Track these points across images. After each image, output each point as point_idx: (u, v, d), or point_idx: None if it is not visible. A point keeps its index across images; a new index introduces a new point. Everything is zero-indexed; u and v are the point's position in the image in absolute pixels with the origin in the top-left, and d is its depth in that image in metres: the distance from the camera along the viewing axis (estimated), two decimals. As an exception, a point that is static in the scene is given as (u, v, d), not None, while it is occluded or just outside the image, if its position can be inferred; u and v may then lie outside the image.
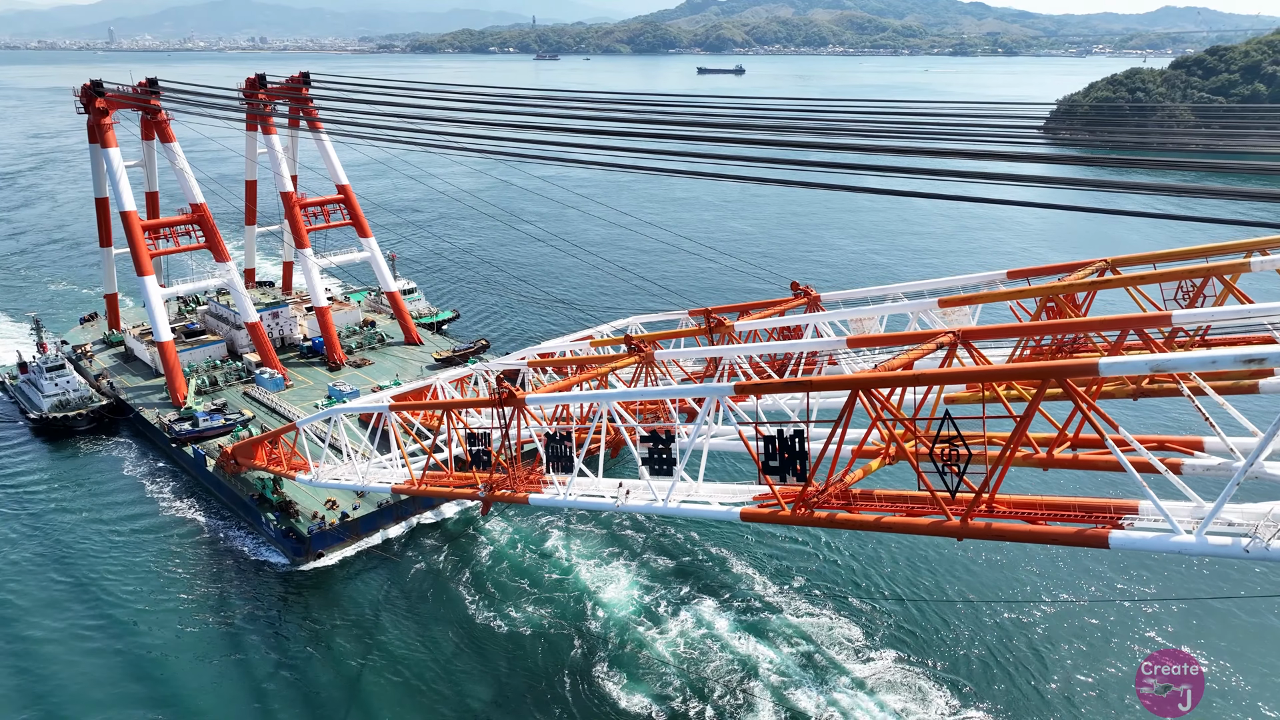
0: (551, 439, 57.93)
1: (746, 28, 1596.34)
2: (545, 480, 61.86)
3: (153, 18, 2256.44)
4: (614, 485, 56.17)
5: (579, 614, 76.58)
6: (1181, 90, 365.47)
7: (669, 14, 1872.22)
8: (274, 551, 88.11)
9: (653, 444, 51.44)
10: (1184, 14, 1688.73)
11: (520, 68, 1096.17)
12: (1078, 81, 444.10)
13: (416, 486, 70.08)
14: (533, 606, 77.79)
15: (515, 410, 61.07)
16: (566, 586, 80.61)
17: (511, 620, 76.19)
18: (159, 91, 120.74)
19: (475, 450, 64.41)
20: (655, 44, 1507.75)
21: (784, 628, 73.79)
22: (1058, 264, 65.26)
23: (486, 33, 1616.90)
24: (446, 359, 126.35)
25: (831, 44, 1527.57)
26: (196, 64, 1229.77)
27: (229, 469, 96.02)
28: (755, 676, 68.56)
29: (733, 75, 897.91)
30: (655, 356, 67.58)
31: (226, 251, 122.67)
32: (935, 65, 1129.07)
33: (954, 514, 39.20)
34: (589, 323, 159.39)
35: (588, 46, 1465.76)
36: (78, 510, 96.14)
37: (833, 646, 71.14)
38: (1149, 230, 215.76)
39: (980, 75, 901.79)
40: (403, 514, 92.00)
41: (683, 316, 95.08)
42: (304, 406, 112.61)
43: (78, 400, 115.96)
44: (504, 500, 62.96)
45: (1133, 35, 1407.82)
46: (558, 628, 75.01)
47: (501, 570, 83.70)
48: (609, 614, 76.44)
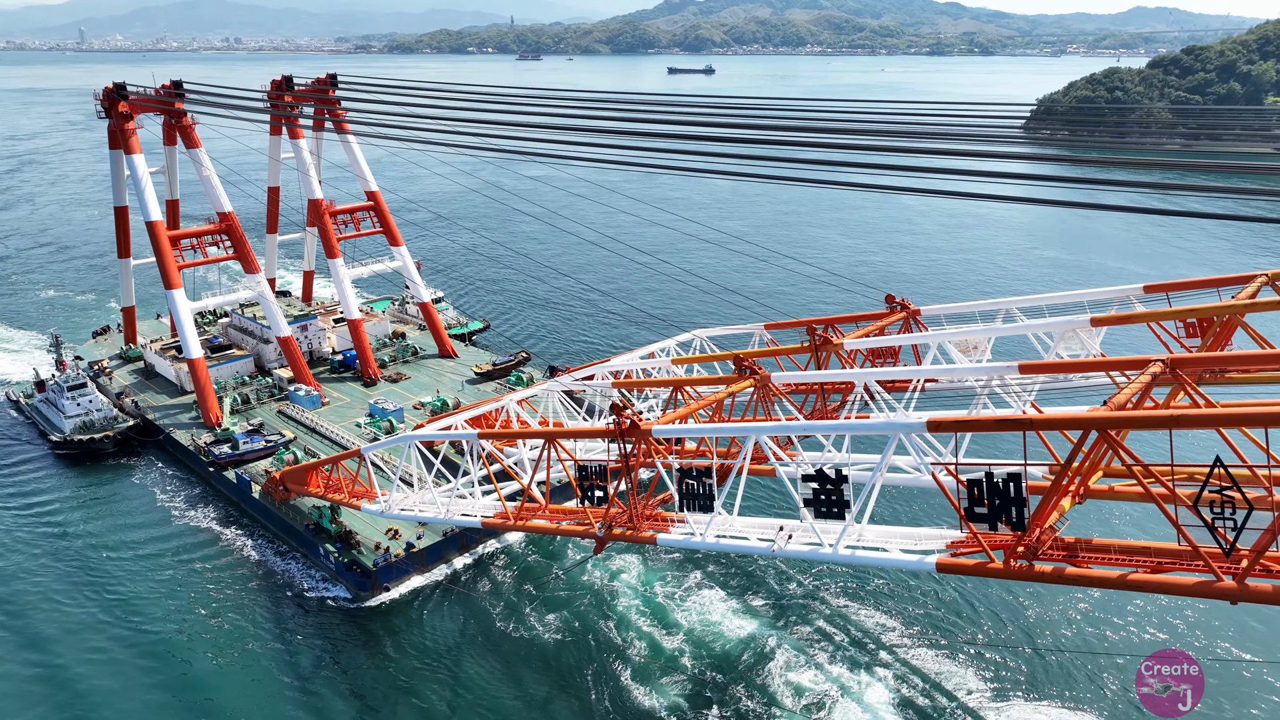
0: (685, 474, 53.20)
1: (725, 28, 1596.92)
2: (674, 518, 57.24)
3: (123, 18, 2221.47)
4: (767, 526, 51.54)
5: (674, 653, 71.73)
6: (1159, 89, 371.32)
7: (647, 14, 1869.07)
8: (335, 585, 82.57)
9: (819, 483, 46.85)
10: (1155, 14, 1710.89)
11: (502, 68, 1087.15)
12: (1054, 81, 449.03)
13: (513, 522, 65.00)
14: (625, 641, 72.90)
15: (637, 442, 56.40)
16: (655, 620, 75.71)
17: (603, 658, 71.29)
18: (184, 94, 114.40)
19: (586, 484, 59.33)
20: (634, 44, 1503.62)
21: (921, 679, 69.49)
22: (1203, 279, 61.47)
23: (464, 33, 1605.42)
24: (487, 373, 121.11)
25: (810, 44, 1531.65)
26: (171, 65, 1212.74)
27: (277, 496, 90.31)
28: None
29: (703, 75, 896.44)
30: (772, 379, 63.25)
31: (256, 262, 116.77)
32: (901, 65, 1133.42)
33: (1225, 572, 34.89)
34: (625, 331, 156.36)
35: (566, 47, 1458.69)
36: (113, 543, 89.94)
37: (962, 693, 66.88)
38: (1133, 224, 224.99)
39: (955, 75, 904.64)
40: (468, 543, 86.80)
41: (757, 330, 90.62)
42: (344, 425, 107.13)
43: (102, 421, 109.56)
44: (624, 540, 58.20)
45: (1106, 35, 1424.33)
46: (655, 666, 70.14)
47: (582, 601, 78.66)
48: (704, 651, 71.68)
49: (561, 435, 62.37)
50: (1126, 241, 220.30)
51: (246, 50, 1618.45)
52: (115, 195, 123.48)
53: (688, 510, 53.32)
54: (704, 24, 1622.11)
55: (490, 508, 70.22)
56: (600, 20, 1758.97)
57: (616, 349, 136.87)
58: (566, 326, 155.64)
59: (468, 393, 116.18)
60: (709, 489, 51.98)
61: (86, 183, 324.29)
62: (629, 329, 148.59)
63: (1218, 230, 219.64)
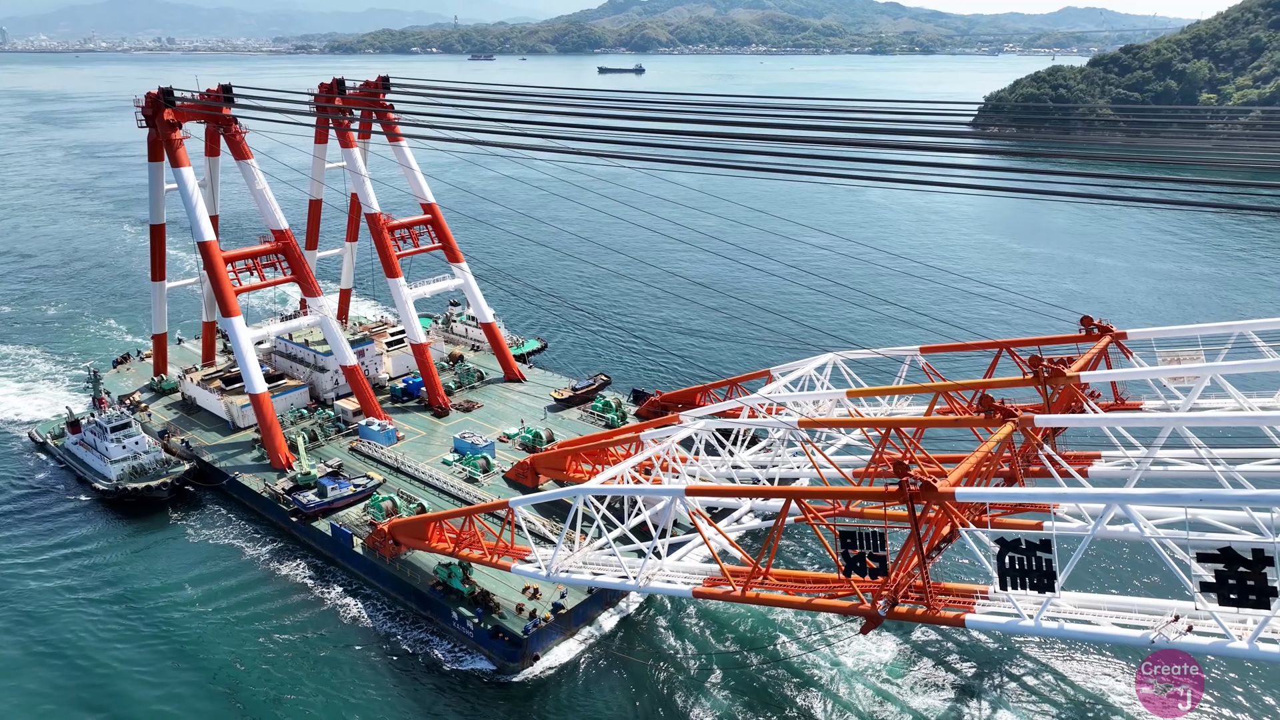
0: (1011, 546, 45.37)
1: (670, 27, 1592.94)
2: (977, 592, 49.45)
3: (47, 16, 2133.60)
4: (1128, 608, 44.03)
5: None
6: (1100, 87, 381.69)
7: (592, 14, 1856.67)
8: (475, 656, 72.90)
9: (1226, 563, 39.41)
10: (1085, 14, 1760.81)
11: (452, 68, 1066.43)
12: (998, 80, 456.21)
13: (739, 592, 56.39)
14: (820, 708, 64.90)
15: (929, 505, 48.42)
16: (876, 697, 67.79)
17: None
18: (233, 99, 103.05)
19: (854, 552, 51.00)
20: (580, 44, 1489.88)
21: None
22: None
23: (408, 32, 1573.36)
24: (568, 399, 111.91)
25: (754, 43, 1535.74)
26: (100, 65, 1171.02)
27: (386, 551, 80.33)
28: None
29: (633, 74, 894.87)
30: (1035, 422, 55.72)
31: (318, 285, 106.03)
32: (847, 65, 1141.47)
33: None
34: (693, 348, 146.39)
35: (513, 47, 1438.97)
36: (202, 611, 78.91)
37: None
38: (1077, 213, 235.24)
39: (900, 73, 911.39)
40: (612, 599, 77.83)
41: (911, 353, 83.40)
42: (430, 462, 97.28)
43: (153, 466, 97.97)
44: (912, 619, 50.19)
45: (1040, 34, 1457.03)
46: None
47: (770, 670, 70.33)
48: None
49: (811, 495, 54.17)
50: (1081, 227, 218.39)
51: (181, 51, 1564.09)
52: (153, 213, 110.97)
53: (1011, 588, 45.60)
54: (649, 24, 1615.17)
55: (695, 573, 61.77)
56: (545, 20, 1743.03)
57: (693, 370, 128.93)
58: (618, 342, 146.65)
59: (551, 421, 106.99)
60: (1048, 565, 44.31)
61: (33, 188, 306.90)
62: (695, 345, 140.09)
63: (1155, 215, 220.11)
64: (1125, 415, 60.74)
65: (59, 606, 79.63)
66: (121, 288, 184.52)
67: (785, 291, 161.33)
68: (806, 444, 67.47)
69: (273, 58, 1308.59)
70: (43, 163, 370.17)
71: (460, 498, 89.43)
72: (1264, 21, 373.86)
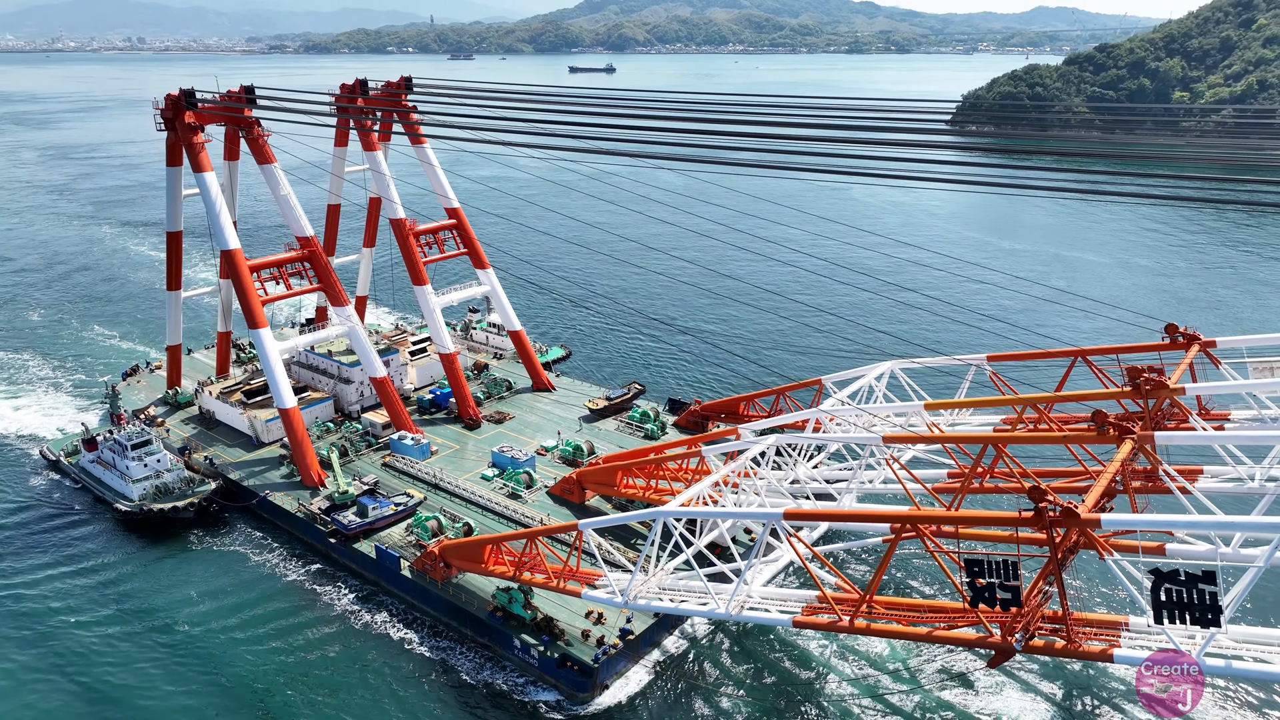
0: (1166, 576, 42.60)
1: (648, 26, 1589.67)
2: (1121, 622, 46.77)
3: (12, 15, 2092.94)
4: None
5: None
6: (1076, 85, 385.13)
7: (568, 13, 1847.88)
8: (541, 686, 69.44)
9: None
10: (1057, 13, 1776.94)
11: (432, 68, 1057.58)
12: (974, 78, 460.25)
13: (847, 623, 53.27)
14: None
15: (1071, 532, 45.60)
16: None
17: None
18: (256, 101, 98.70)
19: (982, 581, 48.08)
20: (557, 43, 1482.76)
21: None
22: None
23: (383, 32, 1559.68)
24: (602, 409, 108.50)
25: (731, 42, 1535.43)
26: (70, 65, 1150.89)
27: (436, 574, 76.54)
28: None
29: (604, 74, 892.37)
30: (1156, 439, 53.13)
31: (345, 294, 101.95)
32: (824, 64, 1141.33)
33: None
34: (725, 355, 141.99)
35: (490, 46, 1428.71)
36: (245, 640, 74.89)
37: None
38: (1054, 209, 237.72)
39: (876, 72, 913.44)
40: (677, 621, 74.58)
41: (979, 361, 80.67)
42: (469, 478, 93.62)
43: (177, 485, 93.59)
44: (1050, 653, 47.36)
45: (1013, 34, 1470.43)
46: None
47: (844, 694, 67.47)
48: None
49: (934, 519, 51.06)
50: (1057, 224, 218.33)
51: (152, 51, 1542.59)
52: (170, 219, 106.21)
53: (1168, 621, 42.85)
54: (627, 23, 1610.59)
55: (790, 600, 58.67)
56: (521, 19, 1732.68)
57: (720, 375, 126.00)
58: (639, 346, 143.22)
59: (587, 433, 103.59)
60: (1211, 599, 41.59)
61: (7, 189, 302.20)
62: (726, 351, 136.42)
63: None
64: (1243, 434, 58.39)
65: (93, 642, 75.05)
66: (106, 291, 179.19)
67: (824, 296, 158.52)
68: (892, 461, 64.60)
69: (247, 57, 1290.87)
70: (15, 163, 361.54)
71: (507, 516, 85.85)
72: (1234, 21, 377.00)
